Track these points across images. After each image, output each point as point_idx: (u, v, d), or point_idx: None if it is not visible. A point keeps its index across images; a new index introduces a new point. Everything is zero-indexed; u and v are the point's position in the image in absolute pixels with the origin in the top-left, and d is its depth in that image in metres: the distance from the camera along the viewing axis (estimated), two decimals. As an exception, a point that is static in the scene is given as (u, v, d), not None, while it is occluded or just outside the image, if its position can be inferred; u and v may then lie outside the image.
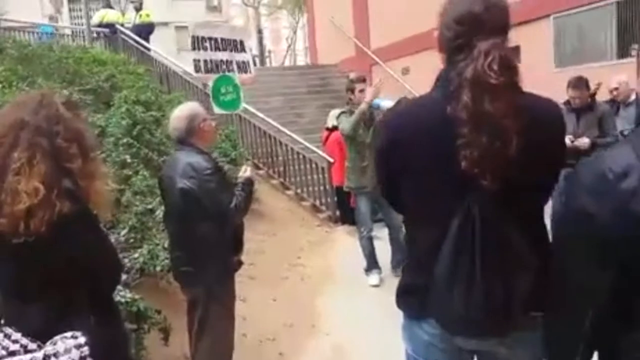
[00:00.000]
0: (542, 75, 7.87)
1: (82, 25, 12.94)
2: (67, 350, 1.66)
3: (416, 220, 1.78)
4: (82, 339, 1.68)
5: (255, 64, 19.21)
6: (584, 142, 5.41)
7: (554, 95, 6.00)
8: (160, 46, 21.01)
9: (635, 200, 1.21)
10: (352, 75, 5.87)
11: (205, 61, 4.29)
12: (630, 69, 6.07)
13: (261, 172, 9.12)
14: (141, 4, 13.40)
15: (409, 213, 1.83)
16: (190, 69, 7.06)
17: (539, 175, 1.60)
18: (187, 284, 3.19)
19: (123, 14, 13.53)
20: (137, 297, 3.14)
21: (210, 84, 4.14)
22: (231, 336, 3.28)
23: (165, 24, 30.59)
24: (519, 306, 1.53)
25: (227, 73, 4.11)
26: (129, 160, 5.10)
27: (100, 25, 13.12)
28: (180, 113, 3.22)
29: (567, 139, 5.67)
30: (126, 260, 3.43)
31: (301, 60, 32.30)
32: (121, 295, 3.04)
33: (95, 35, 12.86)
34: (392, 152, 1.76)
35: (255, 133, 9.28)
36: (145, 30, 12.56)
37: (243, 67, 4.20)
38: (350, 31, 12.86)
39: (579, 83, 5.54)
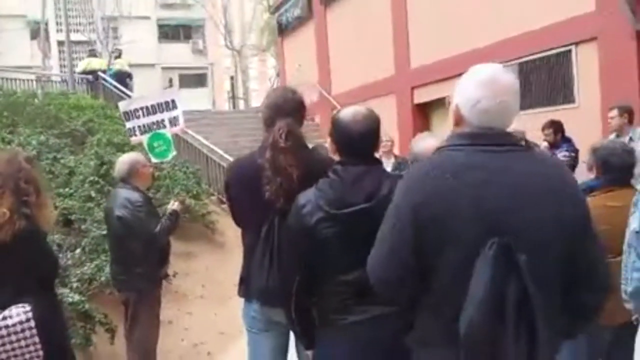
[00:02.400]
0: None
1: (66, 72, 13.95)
2: (18, 314, 2.63)
3: (244, 229, 2.80)
4: (28, 307, 2.65)
5: (234, 106, 20.36)
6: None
7: None
8: (147, 87, 22.19)
9: (307, 220, 2.17)
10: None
11: (139, 126, 5.29)
12: (530, 119, 7.13)
13: (224, 206, 10.11)
14: (120, 53, 14.53)
15: (240, 226, 2.84)
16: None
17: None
18: (121, 290, 4.18)
19: (108, 63, 14.63)
20: (83, 299, 4.10)
21: (145, 141, 5.21)
22: (156, 333, 4.22)
23: (152, 65, 32.03)
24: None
25: (158, 130, 5.15)
26: (93, 195, 6.08)
27: (84, 72, 14.25)
28: (124, 159, 4.27)
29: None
30: (78, 272, 4.41)
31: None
32: (70, 297, 4.01)
33: (78, 81, 14.00)
34: (229, 187, 2.80)
35: (219, 171, 10.30)
36: (124, 76, 13.65)
37: (174, 121, 5.21)
38: (315, 78, 14.03)
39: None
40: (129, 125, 5.39)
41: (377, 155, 2.34)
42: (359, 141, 2.23)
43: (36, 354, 2.66)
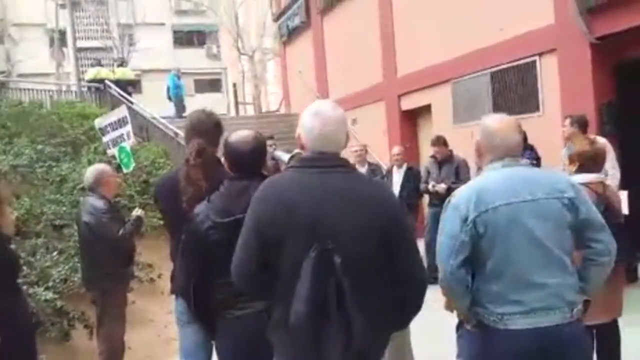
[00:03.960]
0: (444, 130, 9.34)
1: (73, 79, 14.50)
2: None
3: (170, 236, 3.22)
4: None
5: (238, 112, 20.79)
6: (442, 187, 6.85)
7: (452, 147, 8.05)
8: (161, 93, 22.78)
9: (200, 227, 2.59)
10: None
11: (110, 140, 5.85)
12: None
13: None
14: (123, 62, 15.07)
15: (169, 232, 3.27)
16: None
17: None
18: (89, 288, 4.64)
19: (113, 72, 15.18)
20: (55, 297, 4.57)
21: (116, 153, 5.73)
22: (121, 328, 4.65)
23: (168, 70, 32.70)
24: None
25: (121, 144, 5.65)
26: (81, 200, 6.56)
27: (94, 80, 14.84)
28: (91, 169, 4.74)
29: (430, 185, 7.12)
30: (54, 273, 4.89)
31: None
32: (43, 294, 4.48)
33: (86, 89, 14.61)
34: (156, 201, 3.24)
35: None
36: (125, 84, 14.20)
37: (128, 135, 5.75)
38: (313, 84, 14.44)
39: (437, 141, 7.01)
40: (104, 139, 5.90)
41: (264, 171, 2.74)
42: (244, 160, 2.64)
43: (-7, 340, 3.11)
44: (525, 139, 6.64)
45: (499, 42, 7.83)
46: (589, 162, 3.82)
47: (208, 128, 3.14)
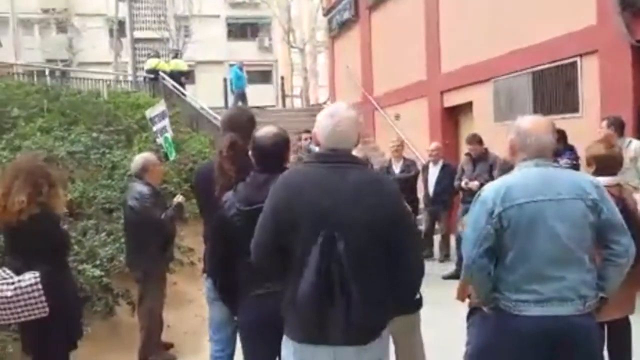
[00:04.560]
0: (485, 128, 9.40)
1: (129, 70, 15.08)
2: (29, 278, 3.45)
3: (204, 222, 3.52)
4: (37, 273, 3.46)
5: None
6: (475, 184, 6.96)
7: (492, 145, 8.31)
8: (214, 83, 23.31)
9: (226, 213, 2.85)
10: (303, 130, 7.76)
11: (157, 130, 6.25)
12: None
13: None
14: (177, 53, 15.60)
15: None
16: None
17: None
18: (131, 269, 5.02)
19: (168, 63, 15.72)
20: (102, 274, 4.97)
21: (163, 142, 6.11)
22: (159, 307, 5.00)
23: (221, 62, 33.49)
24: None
25: (165, 134, 6.01)
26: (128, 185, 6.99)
27: (151, 71, 15.42)
28: (137, 158, 5.10)
29: (463, 182, 7.24)
30: (101, 252, 5.30)
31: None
32: (91, 271, 4.88)
33: (142, 79, 15.22)
34: (193, 189, 3.54)
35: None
36: (178, 75, 14.71)
37: (166, 129, 6.12)
38: (359, 79, 14.63)
39: (472, 139, 7.11)
40: (153, 129, 6.29)
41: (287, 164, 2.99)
42: (267, 154, 2.90)
43: (43, 310, 3.46)
44: (565, 139, 6.71)
45: (541, 42, 7.84)
46: (606, 164, 3.92)
47: (241, 123, 3.41)
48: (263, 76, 33.27)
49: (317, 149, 7.12)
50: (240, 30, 33.84)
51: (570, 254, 2.54)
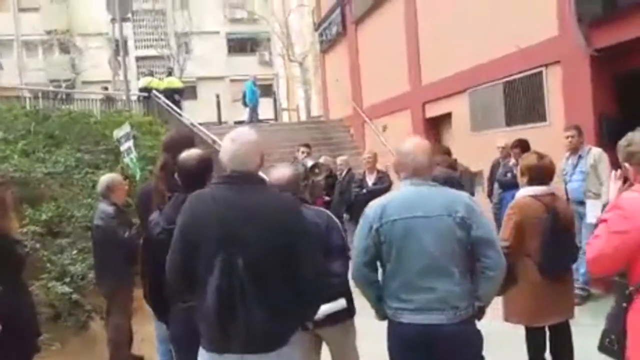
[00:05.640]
0: (463, 137, 9.56)
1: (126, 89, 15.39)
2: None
3: None
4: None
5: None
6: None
7: (470, 155, 8.53)
8: (215, 98, 23.57)
9: (153, 231, 3.05)
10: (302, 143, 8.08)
11: (125, 150, 6.48)
12: (515, 135, 7.66)
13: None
14: (171, 72, 15.90)
15: None
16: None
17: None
18: (99, 285, 5.22)
19: (161, 80, 16.03)
20: (71, 290, 5.17)
21: (128, 162, 6.33)
22: (126, 323, 5.18)
23: (222, 78, 33.91)
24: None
25: (130, 155, 6.24)
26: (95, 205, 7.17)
27: (145, 89, 15.72)
28: (102, 179, 5.33)
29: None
30: (72, 269, 5.50)
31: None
32: (60, 288, 5.08)
33: (135, 98, 15.53)
34: (136, 204, 3.72)
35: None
36: (172, 92, 15.00)
37: (131, 150, 6.35)
38: (349, 92, 14.85)
39: (440, 150, 7.28)
40: (121, 149, 6.52)
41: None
42: (189, 175, 3.09)
43: (-5, 325, 3.65)
44: (528, 149, 6.87)
45: (510, 53, 8.01)
46: (537, 175, 4.08)
47: (176, 145, 3.60)
48: (263, 90, 33.54)
49: (309, 161, 7.36)
50: (240, 45, 34.27)
51: (439, 267, 2.76)
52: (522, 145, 6.99)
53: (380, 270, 2.95)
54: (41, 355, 4.60)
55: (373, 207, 2.90)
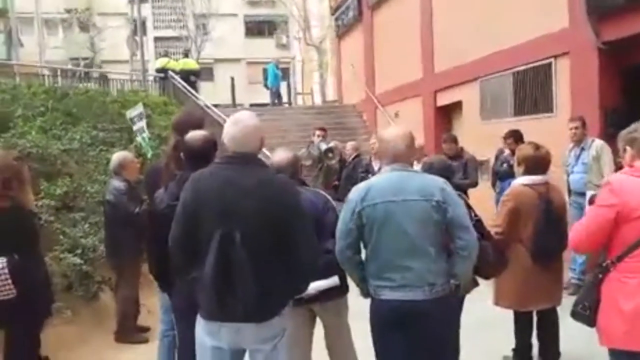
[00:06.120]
0: (473, 126, 9.64)
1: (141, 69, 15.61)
2: (-5, 265, 3.87)
3: None
4: (4, 259, 3.86)
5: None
6: (448, 182, 7.22)
7: (479, 144, 8.68)
8: (230, 80, 23.76)
9: (159, 207, 3.24)
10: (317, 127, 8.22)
11: (138, 129, 6.66)
12: (522, 125, 7.74)
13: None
14: (187, 53, 16.05)
15: None
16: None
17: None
18: (108, 258, 5.44)
19: (177, 61, 16.20)
20: (82, 262, 5.40)
21: (140, 141, 6.51)
22: (134, 294, 5.42)
23: (238, 60, 34.05)
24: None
25: (142, 134, 6.42)
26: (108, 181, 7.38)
27: (162, 70, 15.90)
28: (115, 156, 5.51)
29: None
30: (83, 242, 5.73)
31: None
32: (72, 259, 5.31)
33: (152, 78, 15.73)
34: (144, 183, 3.91)
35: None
36: (187, 74, 15.16)
37: (144, 130, 6.53)
38: (363, 77, 14.93)
39: (448, 139, 7.39)
40: (134, 128, 6.72)
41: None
42: (194, 155, 3.26)
43: (10, 291, 3.87)
44: (522, 139, 6.97)
45: (521, 43, 8.06)
46: (533, 165, 4.20)
47: (186, 127, 3.77)
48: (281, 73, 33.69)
49: (324, 145, 7.50)
50: (257, 28, 34.35)
51: (416, 247, 2.95)
52: (515, 136, 7.10)
53: (363, 251, 3.11)
54: (53, 323, 4.87)
55: (356, 191, 3.08)
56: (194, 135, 3.30)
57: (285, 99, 21.43)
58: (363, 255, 3.15)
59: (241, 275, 2.62)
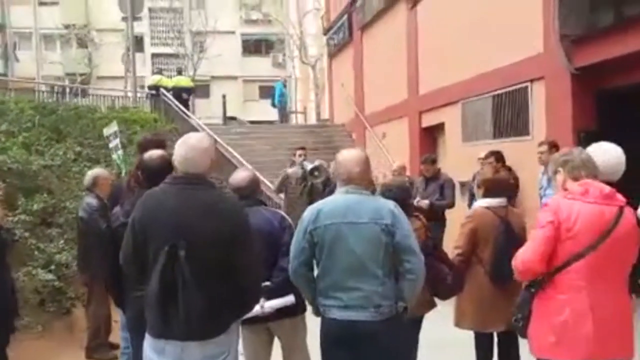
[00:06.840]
0: (455, 148, 9.74)
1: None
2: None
3: None
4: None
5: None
6: (425, 202, 7.31)
7: (461, 165, 8.79)
8: (228, 97, 23.94)
9: (115, 224, 3.30)
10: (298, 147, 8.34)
11: (114, 147, 6.76)
12: (501, 147, 7.82)
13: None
14: (181, 70, 16.19)
15: None
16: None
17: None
18: (80, 273, 5.48)
19: (170, 78, 16.34)
20: (54, 278, 5.44)
21: (115, 158, 6.62)
22: (104, 310, 5.44)
23: (235, 77, 34.33)
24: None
25: (117, 152, 6.53)
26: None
27: (154, 87, 16.01)
28: (89, 173, 5.60)
29: (415, 200, 7.58)
30: (56, 258, 5.78)
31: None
32: (43, 276, 5.36)
33: (144, 95, 15.86)
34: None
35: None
36: (180, 91, 15.29)
37: (118, 147, 6.64)
38: (352, 97, 15.06)
39: (426, 160, 7.49)
40: (110, 146, 6.82)
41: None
42: (150, 174, 3.34)
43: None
44: (503, 160, 7.09)
45: (500, 67, 8.18)
46: (492, 188, 4.28)
47: (147, 145, 3.86)
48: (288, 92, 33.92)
49: (309, 164, 7.63)
50: (254, 46, 34.66)
51: (364, 268, 3.00)
52: (496, 156, 7.20)
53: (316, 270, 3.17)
54: (21, 338, 4.90)
55: (309, 211, 3.15)
56: (152, 154, 3.38)
57: (274, 117, 21.73)
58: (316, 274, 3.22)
59: (184, 291, 2.68)
